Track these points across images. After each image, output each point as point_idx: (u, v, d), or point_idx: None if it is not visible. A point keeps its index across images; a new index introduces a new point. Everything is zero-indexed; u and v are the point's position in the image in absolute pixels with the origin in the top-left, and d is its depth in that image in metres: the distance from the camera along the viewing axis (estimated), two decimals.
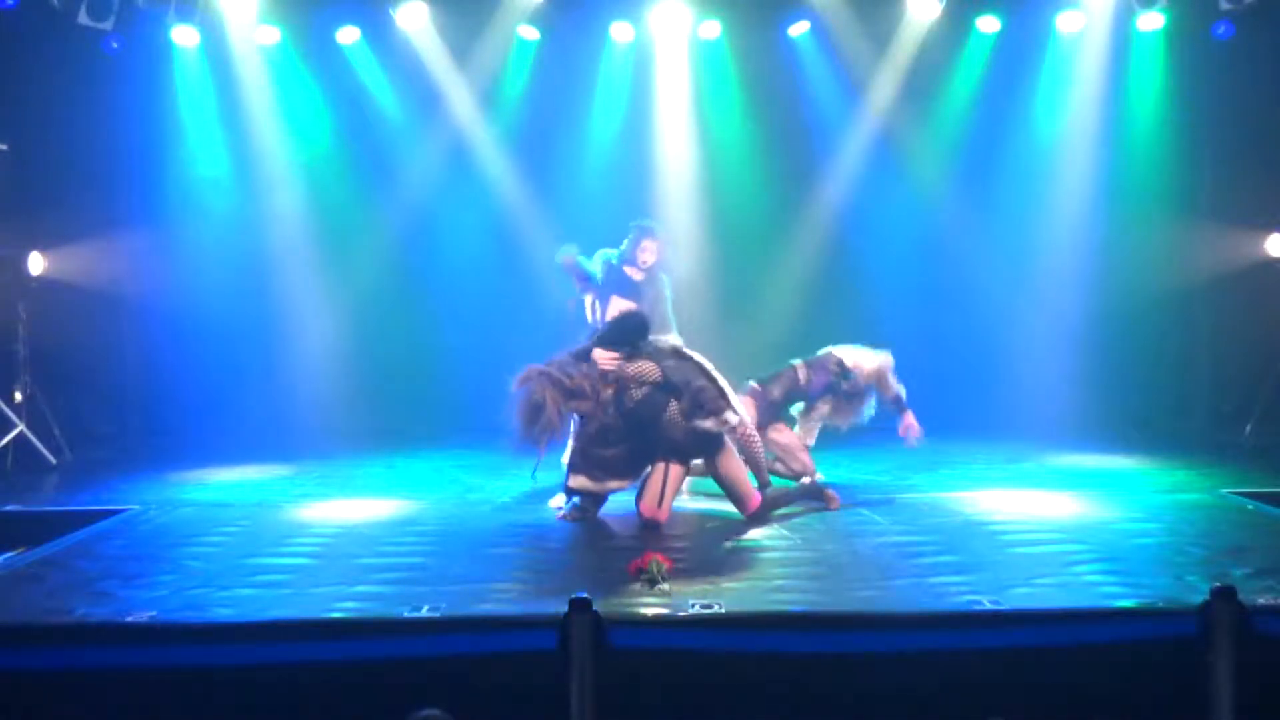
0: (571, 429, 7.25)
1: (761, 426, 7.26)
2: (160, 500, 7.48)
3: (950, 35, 10.19)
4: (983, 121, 10.39)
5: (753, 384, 7.48)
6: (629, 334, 6.70)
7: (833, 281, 10.55)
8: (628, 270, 8.00)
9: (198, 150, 10.23)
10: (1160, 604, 4.86)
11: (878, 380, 7.47)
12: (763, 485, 6.92)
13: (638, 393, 6.54)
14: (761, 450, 7.06)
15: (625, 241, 8.09)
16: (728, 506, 6.83)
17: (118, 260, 9.92)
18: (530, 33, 10.18)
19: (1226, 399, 10.20)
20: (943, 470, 8.25)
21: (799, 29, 10.25)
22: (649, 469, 6.70)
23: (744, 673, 4.47)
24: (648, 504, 6.59)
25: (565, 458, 7.14)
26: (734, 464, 6.71)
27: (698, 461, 6.81)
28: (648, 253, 7.97)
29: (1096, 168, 10.31)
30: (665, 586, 5.20)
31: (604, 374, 6.55)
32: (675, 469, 6.66)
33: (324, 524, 6.73)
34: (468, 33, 10.14)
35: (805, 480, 7.38)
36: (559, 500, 7.14)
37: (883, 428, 8.15)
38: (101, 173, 9.85)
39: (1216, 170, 10.04)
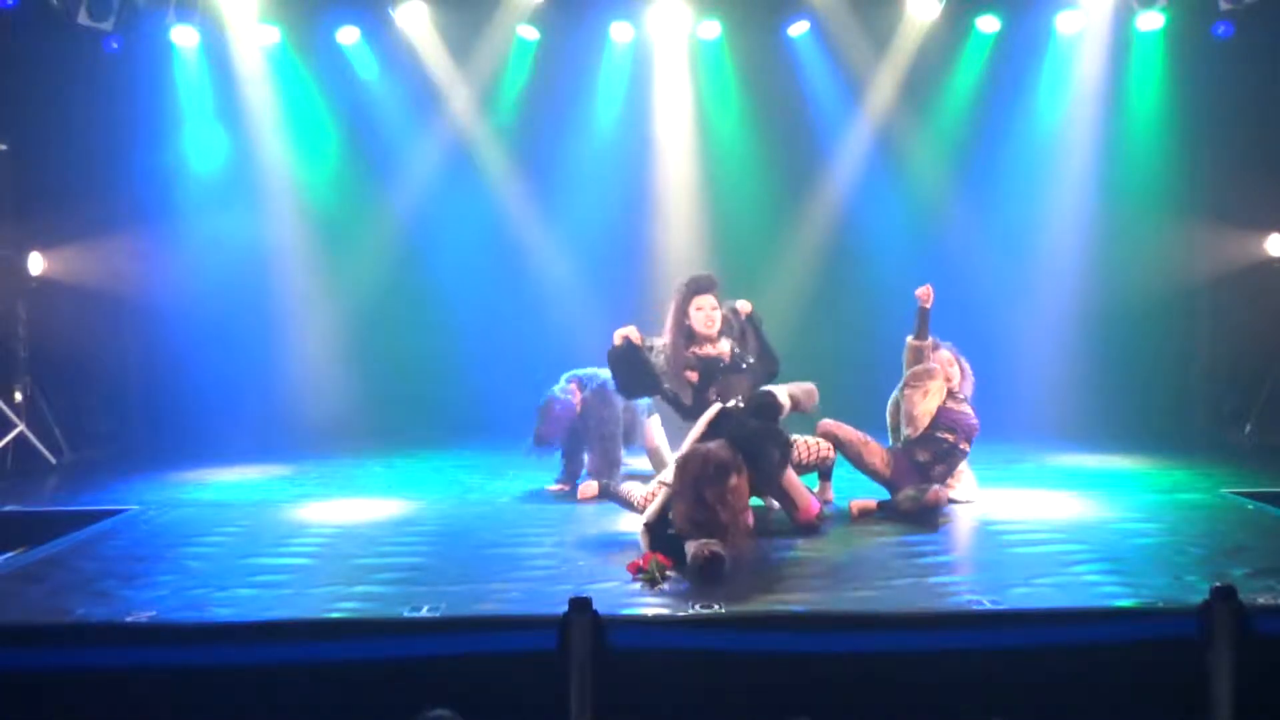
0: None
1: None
2: (160, 500, 7.48)
3: (950, 35, 10.19)
4: (982, 121, 10.39)
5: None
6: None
7: (832, 281, 10.56)
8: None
9: (197, 151, 10.22)
10: (1160, 604, 4.86)
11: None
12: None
13: None
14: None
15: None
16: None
17: (118, 260, 9.90)
18: (530, 32, 10.17)
19: (1226, 399, 10.20)
20: None
21: (799, 29, 10.25)
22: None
23: (744, 673, 4.48)
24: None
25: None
26: (789, 470, 6.49)
27: None
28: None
29: (1096, 167, 10.32)
30: (665, 586, 5.20)
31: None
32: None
33: (324, 524, 6.72)
34: (467, 32, 10.14)
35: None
36: (590, 489, 7.36)
37: (882, 425, 8.14)
38: (101, 173, 9.84)
39: (1216, 170, 10.04)
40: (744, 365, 6.71)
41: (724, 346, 6.86)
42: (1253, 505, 6.93)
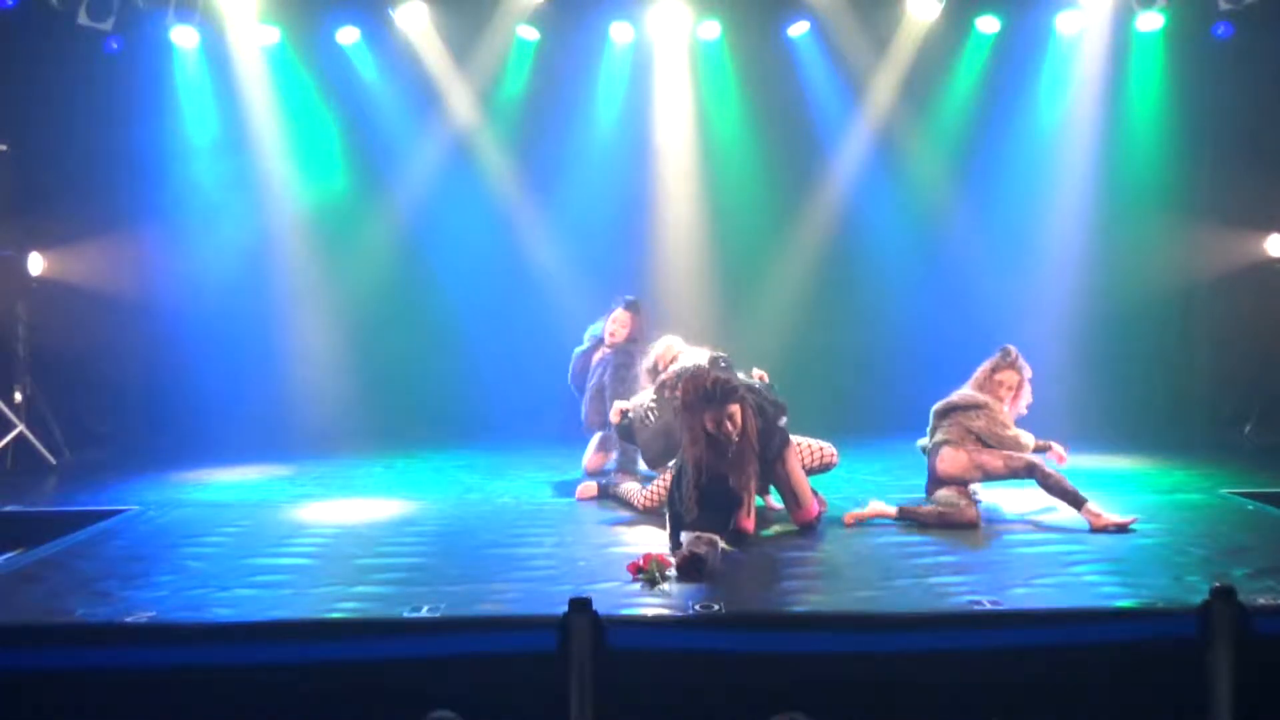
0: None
1: None
2: (160, 500, 7.47)
3: (950, 35, 10.19)
4: (982, 122, 10.38)
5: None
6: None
7: (832, 281, 10.56)
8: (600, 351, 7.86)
9: (197, 151, 10.22)
10: (1160, 604, 4.86)
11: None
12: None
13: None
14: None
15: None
16: None
17: (118, 260, 9.91)
18: (530, 33, 10.17)
19: (1226, 399, 10.20)
20: None
21: (798, 29, 10.25)
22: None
23: (744, 673, 4.47)
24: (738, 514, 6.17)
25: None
26: (796, 465, 6.51)
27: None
28: (617, 324, 7.84)
29: (1096, 168, 10.32)
30: (665, 586, 5.20)
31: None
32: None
33: (324, 524, 6.72)
34: (467, 33, 10.14)
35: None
36: (589, 490, 7.36)
37: (882, 425, 8.18)
38: (101, 173, 9.85)
39: (1216, 170, 10.04)
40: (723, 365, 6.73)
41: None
42: (1253, 506, 6.93)
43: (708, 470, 5.89)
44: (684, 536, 5.81)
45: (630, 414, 7.01)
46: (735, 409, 5.88)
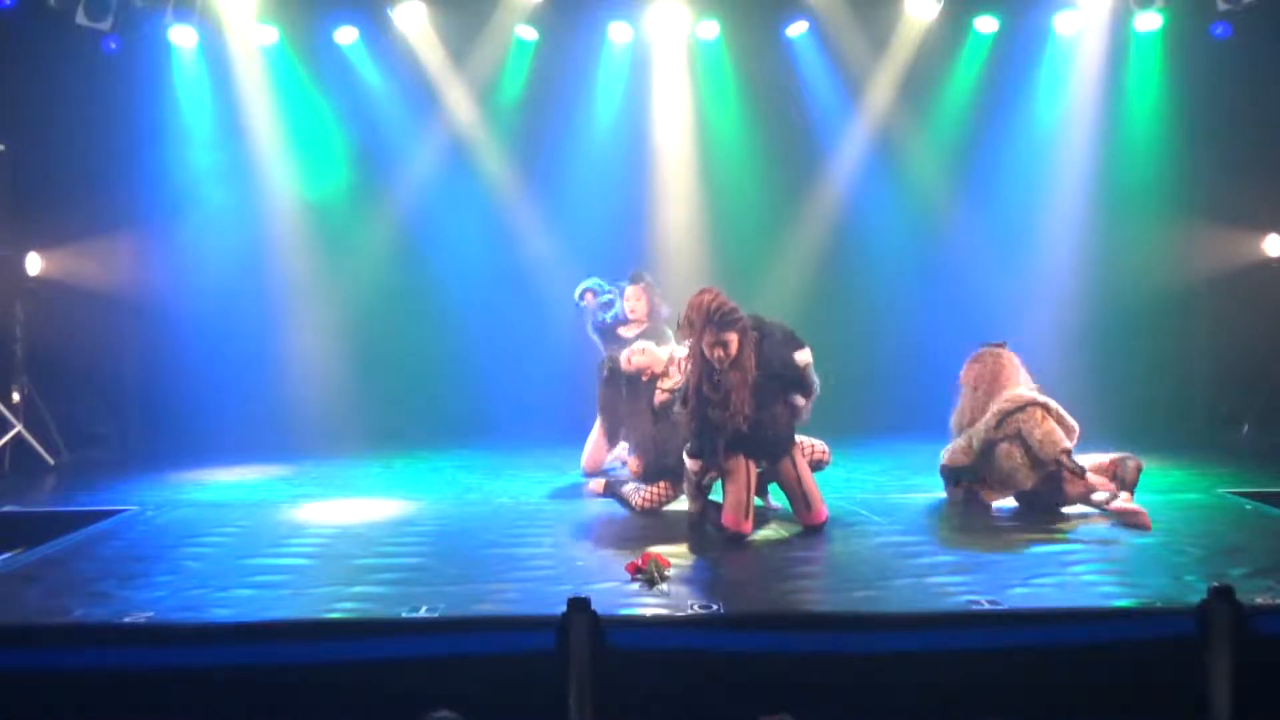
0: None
1: None
2: (159, 500, 7.47)
3: (948, 36, 10.20)
4: (981, 122, 10.39)
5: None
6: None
7: (831, 281, 10.56)
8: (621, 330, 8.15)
9: (195, 151, 10.21)
10: (1158, 604, 4.86)
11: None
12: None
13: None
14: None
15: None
16: None
17: (117, 260, 9.91)
18: (528, 33, 10.17)
19: (1224, 399, 10.20)
20: None
21: (797, 29, 10.25)
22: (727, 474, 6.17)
23: (743, 673, 4.47)
24: (734, 515, 6.12)
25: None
26: (806, 465, 6.46)
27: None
28: (631, 300, 8.09)
29: (1094, 168, 10.33)
30: (664, 586, 5.20)
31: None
32: (753, 470, 6.24)
33: (322, 524, 6.72)
34: (466, 33, 10.14)
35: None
36: (599, 486, 7.37)
37: (881, 426, 8.14)
38: (100, 173, 9.84)
39: (1215, 170, 10.05)
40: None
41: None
42: (1251, 505, 6.93)
43: (698, 394, 5.93)
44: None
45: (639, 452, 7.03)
46: (732, 338, 5.87)
